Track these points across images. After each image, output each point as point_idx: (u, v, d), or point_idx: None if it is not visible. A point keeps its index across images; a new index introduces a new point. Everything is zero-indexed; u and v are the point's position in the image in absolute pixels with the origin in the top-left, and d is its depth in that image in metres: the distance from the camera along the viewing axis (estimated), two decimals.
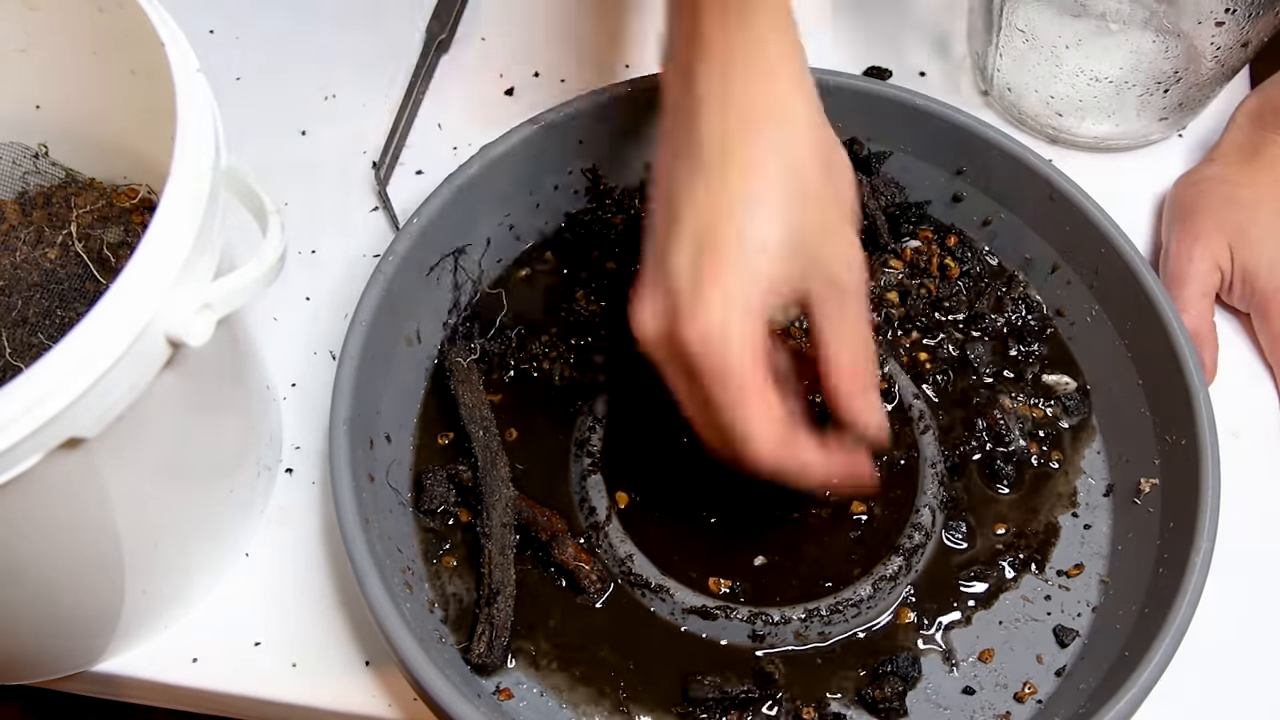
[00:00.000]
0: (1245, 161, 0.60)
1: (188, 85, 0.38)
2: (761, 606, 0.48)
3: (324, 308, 0.59)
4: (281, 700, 0.49)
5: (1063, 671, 0.49)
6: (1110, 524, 0.52)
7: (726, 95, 0.42)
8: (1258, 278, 0.57)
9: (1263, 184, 0.59)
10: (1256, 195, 0.58)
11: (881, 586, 0.49)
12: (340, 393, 0.48)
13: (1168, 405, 0.51)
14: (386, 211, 0.62)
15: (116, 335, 0.34)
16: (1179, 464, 0.49)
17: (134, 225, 0.52)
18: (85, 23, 0.44)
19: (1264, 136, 0.60)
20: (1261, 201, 0.58)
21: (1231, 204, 0.58)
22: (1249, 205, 0.58)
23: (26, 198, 0.53)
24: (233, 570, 0.51)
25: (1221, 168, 0.61)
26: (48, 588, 0.43)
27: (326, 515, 0.53)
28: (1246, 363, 0.58)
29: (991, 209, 0.58)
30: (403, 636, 0.43)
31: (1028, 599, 0.50)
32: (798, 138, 0.42)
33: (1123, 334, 0.54)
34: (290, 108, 0.66)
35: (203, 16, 0.69)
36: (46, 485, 0.36)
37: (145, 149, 0.49)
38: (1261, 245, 0.57)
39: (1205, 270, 0.57)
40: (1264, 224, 0.57)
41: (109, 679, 0.50)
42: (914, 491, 0.52)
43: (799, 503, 0.51)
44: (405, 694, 0.49)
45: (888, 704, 0.47)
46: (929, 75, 0.68)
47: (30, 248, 0.50)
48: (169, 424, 0.41)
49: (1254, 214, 0.58)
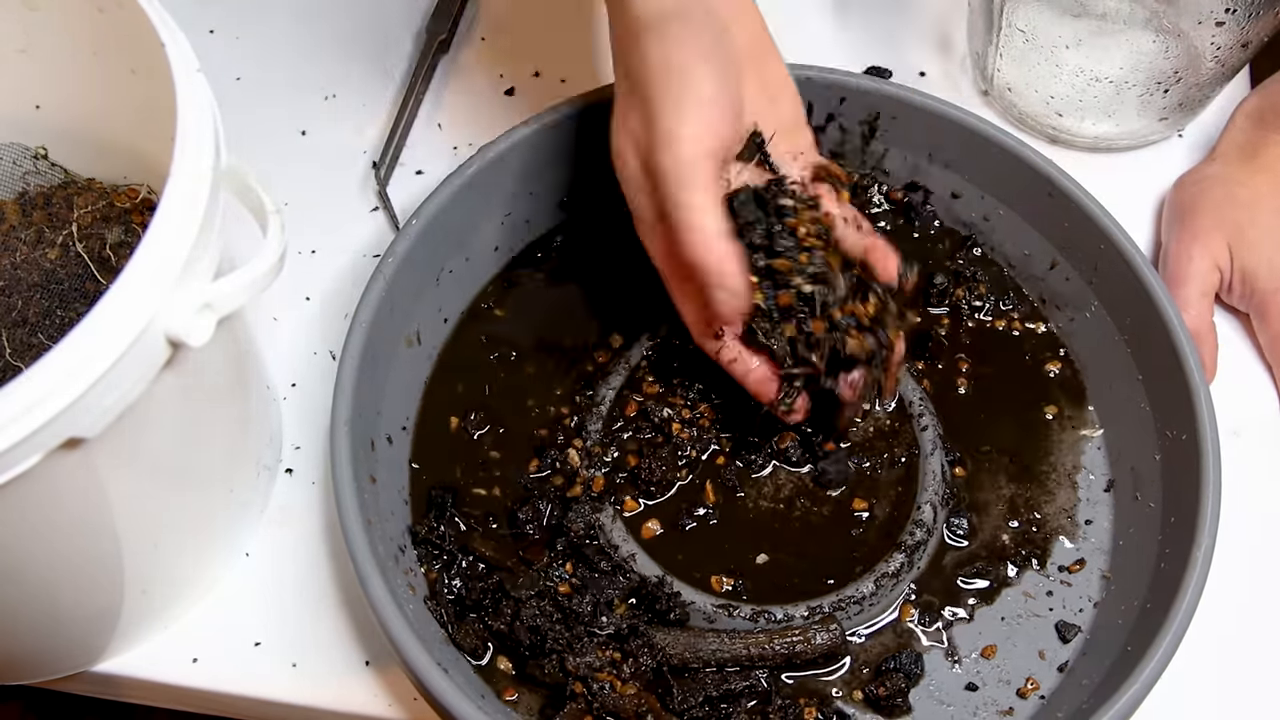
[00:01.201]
0: (1245, 161, 0.60)
1: (188, 85, 0.38)
2: (764, 604, 0.48)
3: (324, 308, 0.59)
4: (282, 700, 0.49)
5: (1065, 667, 0.49)
6: (1111, 519, 0.52)
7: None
8: (1257, 278, 0.57)
9: (1262, 184, 0.59)
10: (1255, 195, 0.58)
11: (884, 584, 0.49)
12: (341, 394, 0.48)
13: (1168, 400, 0.51)
14: (387, 211, 0.62)
15: (117, 335, 0.34)
16: (1180, 459, 0.49)
17: (134, 225, 0.52)
18: (85, 23, 0.44)
19: (1264, 136, 0.60)
20: (1260, 201, 0.58)
21: (1231, 204, 0.58)
22: (1248, 205, 0.58)
23: (27, 198, 0.53)
24: (233, 570, 0.51)
25: (1221, 167, 0.61)
26: (48, 587, 0.42)
27: (327, 515, 0.53)
28: (1246, 362, 0.58)
29: (990, 206, 0.58)
30: (406, 638, 0.43)
31: (1029, 595, 0.50)
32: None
33: (1122, 330, 0.54)
34: (290, 108, 0.66)
35: (203, 16, 0.69)
36: (47, 485, 0.36)
37: (145, 149, 0.49)
38: (1260, 246, 0.57)
39: (1204, 270, 0.57)
40: (1263, 224, 0.57)
41: (109, 679, 0.50)
42: (915, 488, 0.52)
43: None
44: (406, 694, 0.49)
45: (891, 701, 0.47)
46: (929, 75, 0.68)
47: (30, 248, 0.50)
48: (169, 424, 0.41)
49: (1253, 214, 0.58)
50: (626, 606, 0.48)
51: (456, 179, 0.54)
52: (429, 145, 0.64)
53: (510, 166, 0.56)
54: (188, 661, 0.49)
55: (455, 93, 0.67)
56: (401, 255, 0.51)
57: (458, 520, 0.51)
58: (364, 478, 0.48)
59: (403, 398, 0.53)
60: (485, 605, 0.48)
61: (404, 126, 0.64)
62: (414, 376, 0.54)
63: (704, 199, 0.45)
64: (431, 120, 0.66)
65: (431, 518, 0.51)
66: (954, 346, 0.57)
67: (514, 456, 0.53)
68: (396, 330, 0.52)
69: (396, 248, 0.52)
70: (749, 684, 0.47)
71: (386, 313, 0.51)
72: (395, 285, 0.51)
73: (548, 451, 0.52)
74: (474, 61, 0.68)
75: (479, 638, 0.48)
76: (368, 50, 0.68)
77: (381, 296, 0.50)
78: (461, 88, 0.67)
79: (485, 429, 0.54)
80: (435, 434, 0.54)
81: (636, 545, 0.50)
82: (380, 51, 0.68)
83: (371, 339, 0.49)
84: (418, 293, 0.54)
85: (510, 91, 0.67)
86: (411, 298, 0.53)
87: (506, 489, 0.52)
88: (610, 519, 0.50)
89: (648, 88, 0.46)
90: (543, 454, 0.52)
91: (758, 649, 0.47)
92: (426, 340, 0.55)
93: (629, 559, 0.49)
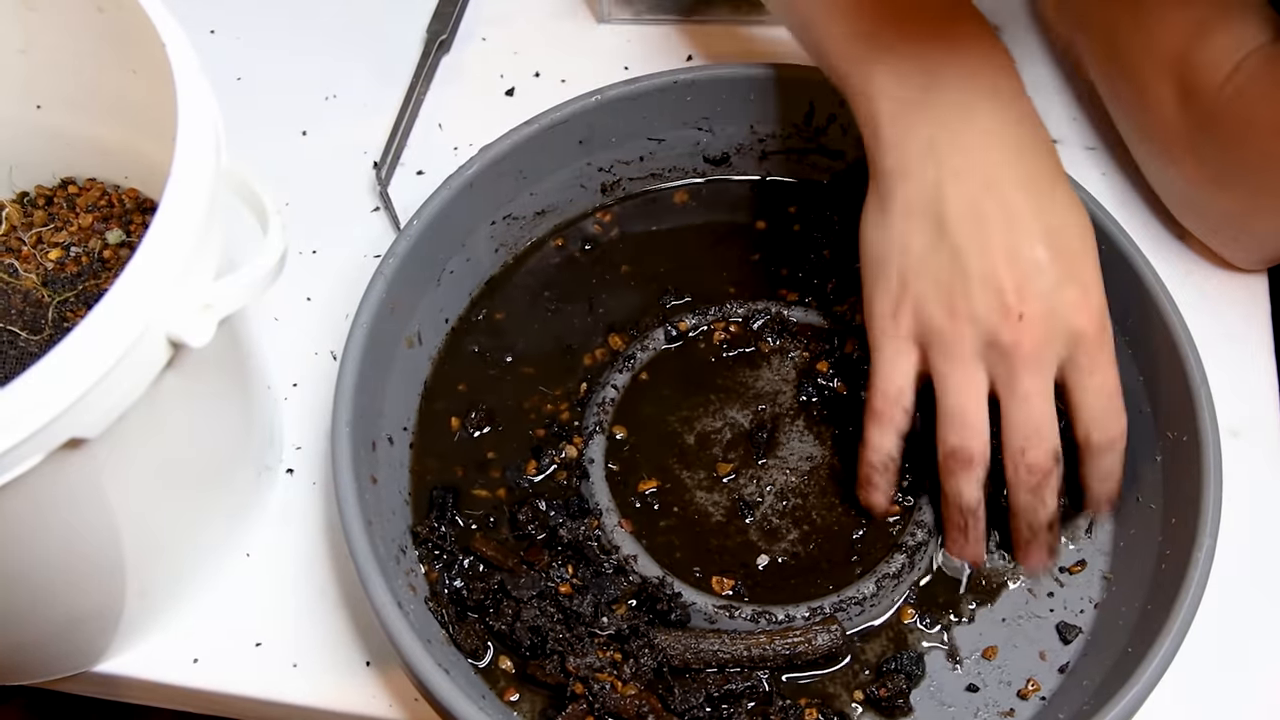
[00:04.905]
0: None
1: (188, 85, 0.38)
2: (765, 605, 0.48)
3: (325, 308, 0.59)
4: (282, 701, 0.49)
5: (1066, 668, 0.49)
6: (1112, 520, 0.52)
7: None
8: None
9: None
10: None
11: (884, 585, 0.49)
12: (342, 395, 0.48)
13: (1168, 401, 0.51)
14: (387, 211, 0.62)
15: (117, 336, 0.34)
16: (1180, 460, 0.49)
17: (134, 225, 0.52)
18: (85, 23, 0.44)
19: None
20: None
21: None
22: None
23: (27, 198, 0.53)
24: (233, 570, 0.51)
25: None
26: (48, 587, 0.42)
27: (327, 516, 0.53)
28: (1246, 362, 0.58)
29: None
30: (407, 639, 0.43)
31: (1030, 595, 0.50)
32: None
33: (1122, 330, 0.54)
34: (291, 108, 0.66)
35: (203, 16, 0.69)
36: (48, 486, 0.36)
37: (145, 149, 0.49)
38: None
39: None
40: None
41: (110, 680, 0.50)
42: (916, 488, 0.52)
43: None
44: (406, 694, 0.49)
45: (892, 701, 0.47)
46: None
47: (30, 248, 0.50)
48: (170, 424, 0.41)
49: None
50: (627, 607, 0.48)
51: (457, 179, 0.54)
52: (429, 145, 0.64)
53: (511, 167, 0.56)
54: (188, 662, 0.49)
55: (456, 93, 0.67)
56: (402, 255, 0.51)
57: (459, 521, 0.51)
58: (365, 478, 0.48)
59: (404, 398, 0.53)
60: (486, 606, 0.48)
61: (405, 126, 0.64)
62: (415, 377, 0.54)
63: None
64: (432, 120, 0.66)
65: (432, 518, 0.51)
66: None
67: (515, 457, 0.53)
68: (397, 330, 0.52)
69: (397, 248, 0.51)
70: (750, 685, 0.47)
71: (387, 313, 0.51)
72: (396, 285, 0.51)
73: (546, 451, 0.52)
74: (474, 62, 0.68)
75: (480, 638, 0.48)
76: (368, 50, 0.68)
77: (382, 297, 0.50)
78: (462, 88, 0.67)
79: (486, 429, 0.54)
80: (436, 434, 0.54)
81: (637, 546, 0.50)
82: (381, 51, 0.68)
83: (372, 339, 0.49)
84: (419, 293, 0.54)
85: (510, 92, 0.67)
86: (412, 298, 0.53)
87: (507, 489, 0.52)
88: (611, 520, 0.50)
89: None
90: (540, 454, 0.52)
91: (759, 650, 0.47)
92: (427, 340, 0.55)
93: (630, 560, 0.49)
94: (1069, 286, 0.46)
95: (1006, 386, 0.46)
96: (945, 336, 0.46)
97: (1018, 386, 0.46)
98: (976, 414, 0.46)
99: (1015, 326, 0.45)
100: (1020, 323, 0.45)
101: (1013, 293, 0.45)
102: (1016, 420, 0.46)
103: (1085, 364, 0.47)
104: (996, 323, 0.45)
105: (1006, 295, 0.45)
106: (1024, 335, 0.45)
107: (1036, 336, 0.45)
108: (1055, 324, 0.46)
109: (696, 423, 0.53)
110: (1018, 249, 0.46)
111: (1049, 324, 0.45)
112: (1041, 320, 0.45)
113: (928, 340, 0.47)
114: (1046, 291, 0.45)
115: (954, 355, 0.46)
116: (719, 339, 0.56)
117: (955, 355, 0.46)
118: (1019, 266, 0.45)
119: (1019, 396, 0.46)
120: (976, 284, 0.45)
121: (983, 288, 0.45)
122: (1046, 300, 0.45)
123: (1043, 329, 0.45)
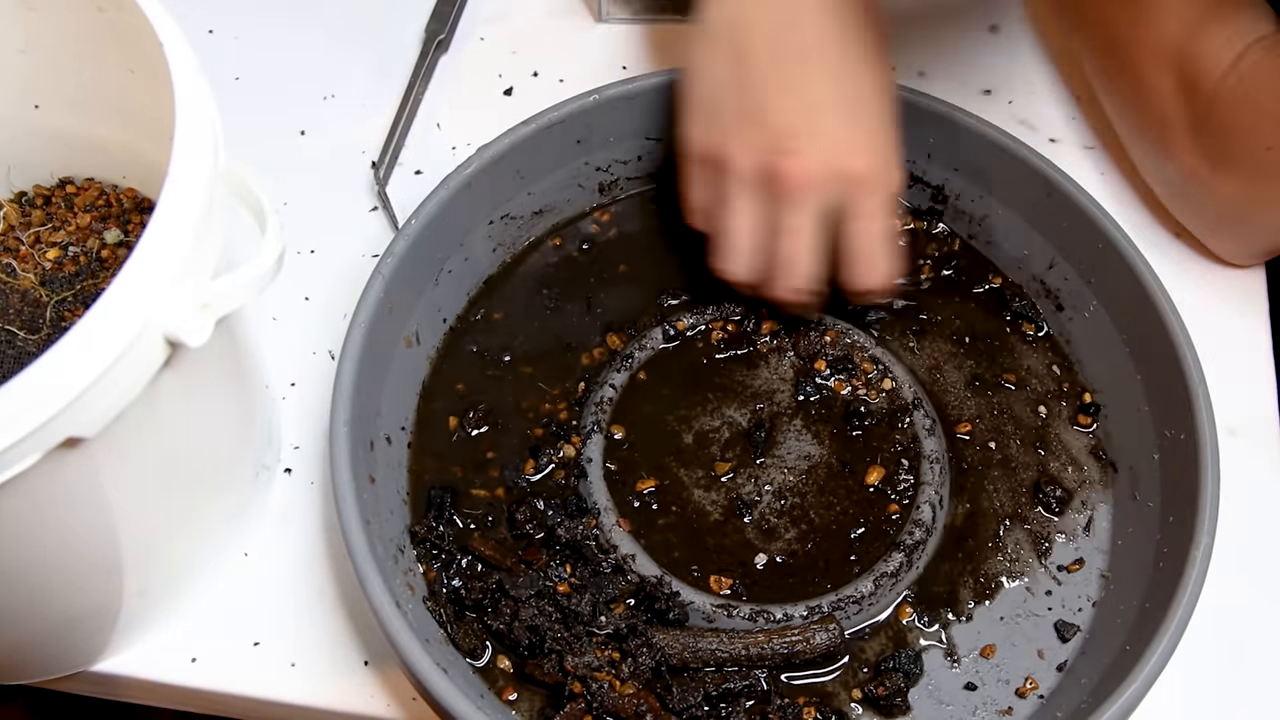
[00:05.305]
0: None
1: (187, 85, 0.38)
2: (763, 604, 0.48)
3: (323, 308, 0.59)
4: (281, 700, 0.49)
5: (1064, 666, 0.49)
6: (1110, 519, 0.52)
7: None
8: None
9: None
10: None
11: (883, 583, 0.49)
12: (340, 395, 0.48)
13: (1167, 399, 0.51)
14: (386, 211, 0.62)
15: (115, 335, 0.34)
16: (1178, 458, 0.49)
17: (132, 225, 0.52)
18: (85, 23, 0.44)
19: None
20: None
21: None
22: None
23: (25, 198, 0.53)
24: (232, 570, 0.51)
25: None
26: (46, 586, 0.42)
27: (325, 515, 0.53)
28: (1244, 360, 0.58)
29: (989, 206, 0.58)
30: (406, 638, 0.43)
31: (1029, 594, 0.50)
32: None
33: (1121, 330, 0.54)
34: (290, 108, 0.66)
35: (203, 16, 0.69)
36: (45, 484, 0.36)
37: (143, 149, 0.49)
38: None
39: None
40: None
41: (108, 679, 0.50)
42: (915, 487, 0.52)
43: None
44: (404, 694, 0.49)
45: (890, 700, 0.47)
46: (928, 75, 0.68)
47: (29, 248, 0.50)
48: (168, 423, 0.41)
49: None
50: (625, 606, 0.48)
51: (455, 179, 0.54)
52: (428, 145, 0.65)
53: (509, 166, 0.56)
54: (186, 661, 0.49)
55: (454, 93, 0.67)
56: (400, 255, 0.51)
57: (457, 520, 0.51)
58: (363, 477, 0.48)
59: (402, 398, 0.53)
60: (484, 605, 0.48)
61: (403, 126, 0.64)
62: (413, 376, 0.54)
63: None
64: (430, 120, 0.66)
65: (430, 518, 0.51)
66: (952, 347, 0.57)
67: (513, 456, 0.53)
68: (395, 330, 0.52)
69: (395, 247, 0.52)
70: (748, 683, 0.47)
71: (385, 312, 0.51)
72: (394, 285, 0.51)
73: (544, 451, 0.52)
74: (473, 61, 0.68)
75: (478, 637, 0.48)
76: (367, 50, 0.68)
77: (380, 296, 0.50)
78: (461, 88, 0.67)
79: (484, 429, 0.54)
80: (434, 434, 0.54)
81: (635, 545, 0.50)
82: (379, 51, 0.68)
83: (371, 339, 0.49)
84: (417, 293, 0.54)
85: (509, 91, 0.67)
86: (410, 297, 0.53)
87: (505, 489, 0.52)
88: (610, 519, 0.50)
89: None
90: (538, 453, 0.52)
91: (757, 648, 0.47)
92: (425, 340, 0.55)
93: (628, 559, 0.49)
94: (850, 129, 0.47)
95: (775, 218, 0.47)
96: (725, 164, 0.48)
97: (783, 219, 0.47)
98: (742, 240, 0.48)
99: (788, 162, 0.46)
100: (792, 158, 0.46)
101: (791, 128, 0.46)
102: (778, 251, 0.48)
103: (857, 209, 0.48)
104: (772, 157, 0.46)
105: (785, 130, 0.46)
106: (793, 169, 0.46)
107: (807, 172, 0.46)
108: (830, 164, 0.46)
109: (694, 422, 0.53)
110: (806, 86, 0.47)
111: (823, 163, 0.46)
112: (815, 158, 0.46)
113: (715, 164, 0.49)
114: (825, 130, 0.46)
115: (730, 181, 0.48)
116: (717, 338, 0.56)
117: (731, 182, 0.48)
118: (803, 103, 0.46)
119: (783, 229, 0.47)
120: (759, 116, 0.47)
121: (763, 120, 0.47)
122: (823, 139, 0.46)
123: (815, 166, 0.46)
